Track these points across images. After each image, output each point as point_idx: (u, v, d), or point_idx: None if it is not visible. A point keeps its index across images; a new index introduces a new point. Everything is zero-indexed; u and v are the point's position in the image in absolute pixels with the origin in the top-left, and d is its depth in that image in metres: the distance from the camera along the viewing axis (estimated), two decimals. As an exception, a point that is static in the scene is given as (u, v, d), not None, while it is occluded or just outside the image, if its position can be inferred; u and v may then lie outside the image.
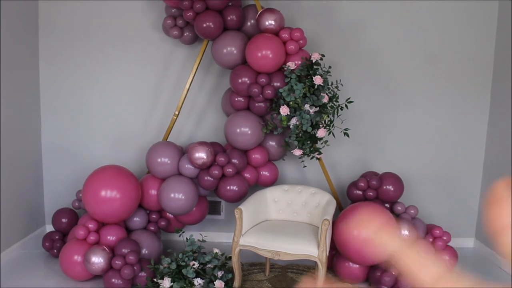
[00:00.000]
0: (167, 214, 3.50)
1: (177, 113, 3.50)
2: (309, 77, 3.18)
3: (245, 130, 3.35)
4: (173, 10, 3.53)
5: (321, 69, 3.26)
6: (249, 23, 3.47)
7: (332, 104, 3.26)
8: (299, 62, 3.27)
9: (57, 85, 3.88)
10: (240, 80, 3.30)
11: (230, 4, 3.38)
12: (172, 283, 2.76)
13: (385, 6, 3.75)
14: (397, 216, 3.36)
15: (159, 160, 3.33)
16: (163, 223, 3.45)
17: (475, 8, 3.76)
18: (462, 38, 3.80)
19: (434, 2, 3.74)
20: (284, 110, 3.14)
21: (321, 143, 3.32)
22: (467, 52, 3.81)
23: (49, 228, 3.89)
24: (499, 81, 3.73)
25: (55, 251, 3.48)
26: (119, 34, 3.81)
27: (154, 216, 3.44)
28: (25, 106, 3.69)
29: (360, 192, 3.47)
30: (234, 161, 3.35)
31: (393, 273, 3.00)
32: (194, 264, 2.82)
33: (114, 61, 3.84)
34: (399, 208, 3.40)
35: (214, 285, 2.80)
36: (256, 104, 3.36)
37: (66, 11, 3.80)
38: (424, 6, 3.75)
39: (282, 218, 3.26)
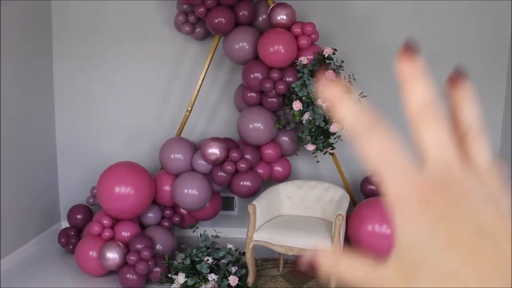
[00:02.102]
0: (181, 210, 3.51)
1: (190, 109, 3.51)
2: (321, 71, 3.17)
3: (258, 126, 3.34)
4: (184, 6, 3.53)
5: (334, 63, 3.24)
6: (260, 18, 3.46)
7: (345, 99, 3.23)
8: (311, 57, 3.25)
9: (70, 83, 3.91)
10: (252, 76, 3.29)
11: (241, -1, 3.37)
12: (186, 279, 2.77)
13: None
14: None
15: (172, 156, 3.34)
16: (177, 219, 3.47)
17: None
18: (476, 32, 3.74)
19: (448, -6, 3.69)
20: (296, 105, 3.13)
21: (334, 138, 3.30)
22: (481, 47, 3.76)
23: (65, 224, 3.93)
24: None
25: (71, 247, 3.51)
26: (131, 31, 3.83)
27: (168, 212, 3.46)
28: (39, 104, 3.72)
29: (373, 187, 3.44)
30: (247, 156, 3.35)
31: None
32: (208, 260, 2.83)
33: (126, 58, 3.86)
34: (414, 203, 3.37)
35: (228, 280, 2.80)
36: (269, 100, 3.35)
37: (78, 10, 3.82)
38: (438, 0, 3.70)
39: (295, 214, 3.26)
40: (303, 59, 3.21)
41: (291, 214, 3.25)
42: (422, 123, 0.28)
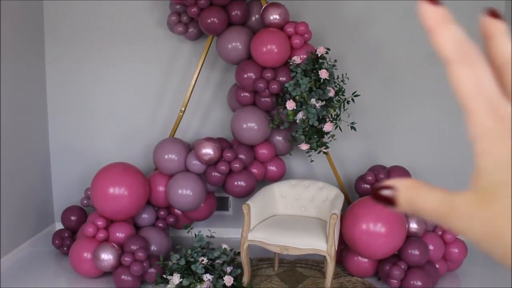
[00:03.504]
0: (175, 210, 3.51)
1: (183, 109, 3.51)
2: (314, 71, 3.17)
3: (252, 125, 3.35)
4: (177, 7, 3.53)
5: (327, 63, 3.25)
6: (253, 18, 3.46)
7: (339, 98, 3.25)
8: (305, 56, 3.25)
9: (63, 84, 3.89)
10: (245, 75, 3.29)
11: (234, -1, 3.37)
12: (181, 279, 2.77)
13: (390, -2, 3.72)
14: (406, 209, 3.34)
15: (166, 156, 3.33)
16: (171, 219, 3.46)
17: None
18: (470, 29, 3.76)
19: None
20: (290, 105, 3.13)
21: (328, 137, 3.31)
22: (476, 42, 3.77)
23: (59, 226, 3.91)
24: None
25: (65, 248, 3.50)
26: (124, 32, 3.82)
27: (162, 213, 3.45)
28: (32, 105, 3.71)
29: (368, 186, 3.46)
30: (241, 156, 3.35)
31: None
32: (203, 260, 2.83)
33: (119, 59, 3.85)
34: (408, 201, 3.38)
35: (223, 280, 2.81)
36: (262, 99, 3.35)
37: (70, 10, 3.81)
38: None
39: (290, 213, 3.26)
40: (296, 59, 3.21)
41: (286, 214, 3.26)
42: (458, 66, 0.28)
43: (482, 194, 0.27)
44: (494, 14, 0.29)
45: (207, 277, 2.77)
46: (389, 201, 0.30)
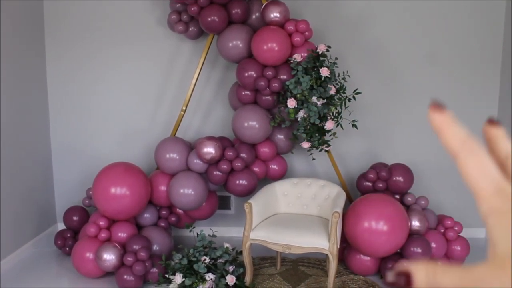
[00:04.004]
0: (177, 209, 3.51)
1: (184, 108, 3.50)
2: (315, 69, 3.16)
3: (253, 124, 3.34)
4: (177, 5, 3.52)
5: (328, 60, 3.24)
6: (254, 16, 3.45)
7: (340, 96, 3.24)
8: (305, 54, 3.25)
9: (64, 84, 3.89)
10: (246, 74, 3.29)
11: (234, -3, 3.36)
12: (183, 279, 2.77)
13: (391, -5, 3.71)
14: (408, 207, 3.34)
15: (167, 156, 3.33)
16: (173, 218, 3.46)
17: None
18: (470, 28, 3.75)
19: (441, -11, 3.69)
20: (291, 103, 3.13)
21: (330, 135, 3.30)
22: (476, 42, 3.76)
23: (61, 226, 3.92)
24: (508, 70, 3.68)
25: (67, 249, 3.50)
26: (125, 32, 3.81)
27: (164, 212, 3.45)
28: (33, 106, 3.70)
29: (369, 184, 3.45)
30: (243, 155, 3.34)
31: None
32: (205, 259, 2.83)
33: (120, 58, 3.85)
34: (409, 199, 3.38)
35: (226, 280, 2.80)
36: (263, 98, 3.35)
37: (71, 10, 3.80)
38: (431, -6, 3.70)
39: (292, 212, 3.26)
40: (297, 57, 3.20)
41: (288, 212, 3.25)
42: (465, 156, 0.32)
43: (497, 261, 0.30)
44: (493, 122, 0.34)
45: (210, 276, 2.77)
46: (406, 285, 0.32)
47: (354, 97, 3.30)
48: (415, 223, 3.15)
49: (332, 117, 3.24)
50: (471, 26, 3.76)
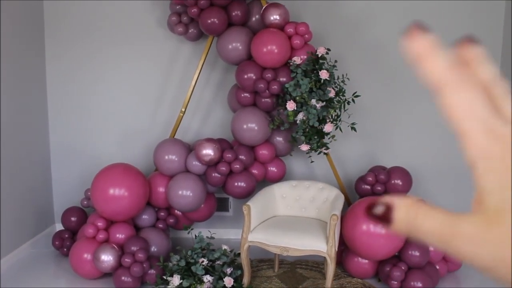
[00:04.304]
0: (176, 211, 3.50)
1: (183, 110, 3.50)
2: (315, 71, 3.16)
3: (252, 126, 3.34)
4: (177, 7, 3.52)
5: (327, 63, 3.24)
6: (254, 19, 3.45)
7: (339, 99, 3.24)
8: (305, 57, 3.25)
9: (63, 84, 3.89)
10: (245, 76, 3.29)
11: (234, -1, 3.37)
12: (181, 281, 2.76)
13: (391, -2, 3.71)
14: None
15: (166, 157, 3.33)
16: (171, 220, 3.46)
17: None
18: (470, 28, 3.75)
19: (441, -7, 3.70)
20: (290, 105, 3.13)
21: (329, 138, 3.30)
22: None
23: (59, 227, 3.91)
24: (506, 72, 3.69)
25: (65, 249, 3.50)
26: (124, 32, 3.81)
27: (162, 214, 3.45)
28: (32, 105, 3.70)
29: (368, 187, 3.45)
30: (242, 157, 3.34)
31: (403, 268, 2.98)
32: (203, 261, 2.82)
33: (120, 59, 3.84)
34: (408, 202, 3.37)
35: (224, 282, 2.80)
36: (263, 100, 3.35)
37: (71, 10, 3.80)
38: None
39: (290, 214, 3.25)
40: (297, 59, 3.21)
41: (286, 215, 3.25)
42: (449, 91, 0.27)
43: (487, 215, 0.26)
44: (471, 40, 0.28)
45: (207, 278, 2.77)
46: (384, 219, 0.28)
47: (353, 100, 3.31)
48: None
49: (331, 119, 3.25)
50: (471, 26, 3.76)
